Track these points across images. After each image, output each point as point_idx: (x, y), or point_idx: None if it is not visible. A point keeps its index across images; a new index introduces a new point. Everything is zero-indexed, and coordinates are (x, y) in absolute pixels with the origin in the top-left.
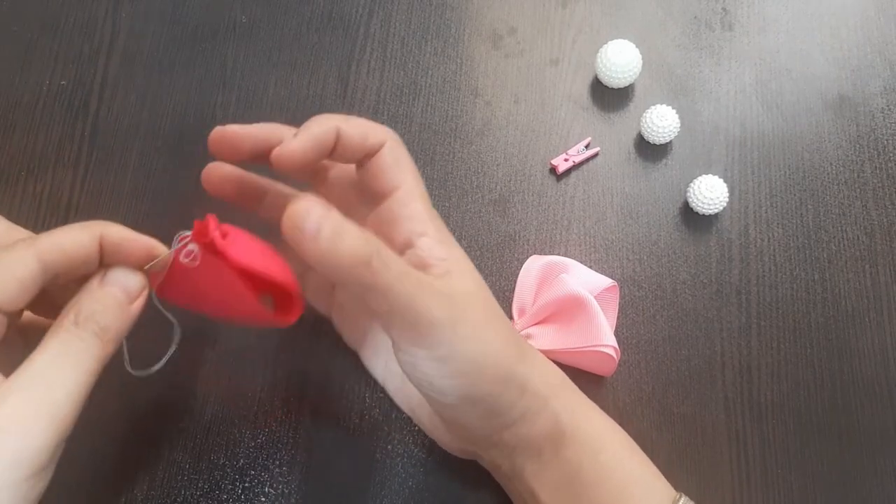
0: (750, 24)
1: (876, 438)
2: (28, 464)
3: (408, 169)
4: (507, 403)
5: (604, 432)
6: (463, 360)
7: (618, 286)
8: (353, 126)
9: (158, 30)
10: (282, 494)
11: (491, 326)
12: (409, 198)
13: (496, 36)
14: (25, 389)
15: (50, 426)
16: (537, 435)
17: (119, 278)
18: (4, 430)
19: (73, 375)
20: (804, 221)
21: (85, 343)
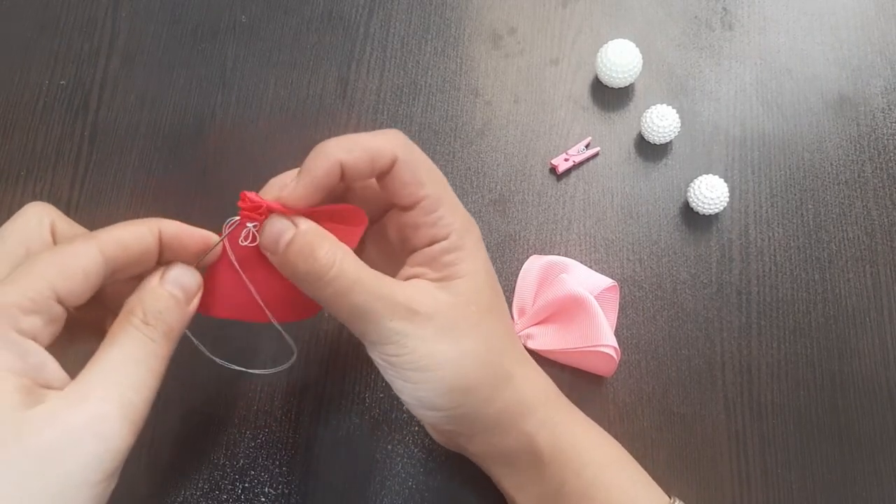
0: (750, 24)
1: (876, 438)
2: (106, 466)
3: (426, 177)
4: (464, 416)
5: (588, 447)
6: (411, 369)
7: (618, 286)
8: (358, 154)
9: (158, 29)
10: (282, 494)
11: (459, 341)
12: (432, 206)
13: (496, 36)
14: (104, 389)
15: (127, 428)
16: (508, 451)
17: (178, 277)
18: (87, 430)
19: (146, 376)
20: (804, 221)
21: (156, 343)
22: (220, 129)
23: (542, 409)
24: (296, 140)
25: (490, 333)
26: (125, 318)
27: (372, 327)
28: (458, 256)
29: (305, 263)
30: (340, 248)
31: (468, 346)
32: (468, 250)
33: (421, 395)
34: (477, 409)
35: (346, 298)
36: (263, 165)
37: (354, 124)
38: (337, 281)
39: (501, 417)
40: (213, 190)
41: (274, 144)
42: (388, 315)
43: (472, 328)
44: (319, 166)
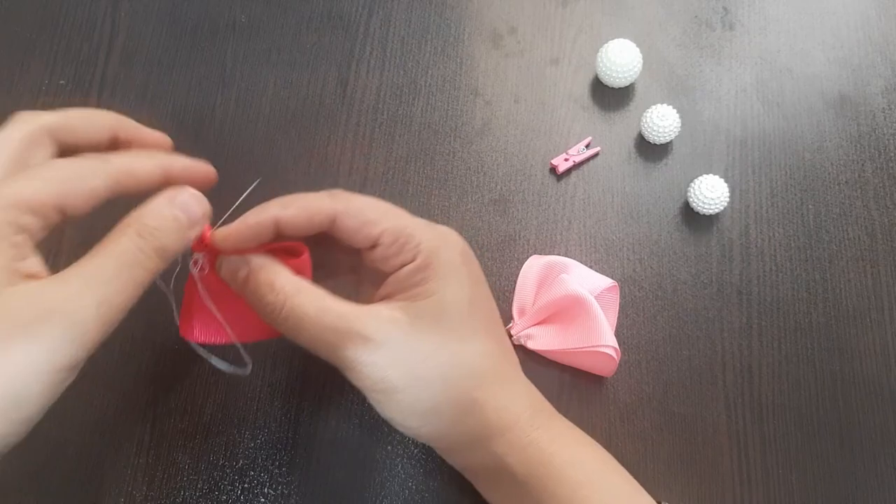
0: (751, 24)
1: (876, 438)
2: (71, 353)
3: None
4: (430, 435)
5: (565, 466)
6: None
7: (618, 286)
8: (293, 211)
9: (158, 29)
10: (281, 495)
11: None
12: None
13: (496, 35)
14: (83, 280)
15: (99, 321)
16: (484, 466)
17: (186, 202)
18: (59, 311)
19: (128, 282)
20: (805, 221)
21: (145, 255)
22: (220, 129)
23: (515, 429)
24: (295, 140)
25: (452, 356)
26: (121, 228)
27: (329, 356)
28: (424, 276)
29: (260, 301)
30: (292, 283)
31: (423, 372)
32: (436, 269)
33: (387, 415)
34: (441, 430)
35: (302, 332)
36: (263, 165)
37: (354, 124)
38: (290, 317)
39: (468, 439)
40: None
41: (274, 144)
42: (341, 345)
43: (430, 353)
44: (253, 217)
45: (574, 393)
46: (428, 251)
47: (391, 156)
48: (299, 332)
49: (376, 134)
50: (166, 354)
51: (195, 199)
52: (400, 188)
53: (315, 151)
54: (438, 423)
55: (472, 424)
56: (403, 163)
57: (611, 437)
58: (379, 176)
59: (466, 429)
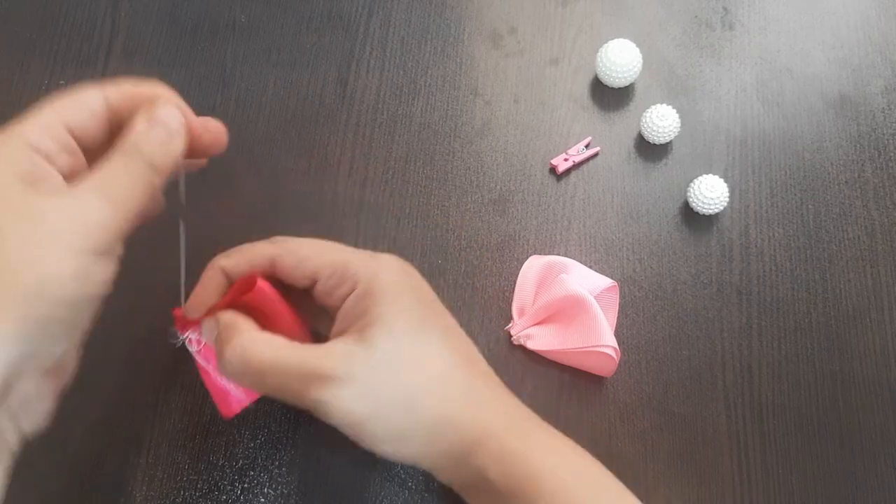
0: (751, 24)
1: (876, 438)
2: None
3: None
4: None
5: (544, 475)
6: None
7: (618, 286)
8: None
9: (157, 29)
10: (281, 495)
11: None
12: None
13: (496, 35)
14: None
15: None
16: (465, 480)
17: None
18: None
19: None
20: (805, 221)
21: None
22: None
23: (490, 441)
24: (295, 140)
25: (414, 381)
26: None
27: (297, 401)
28: (368, 303)
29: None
30: (248, 336)
31: (386, 400)
32: (378, 294)
33: (363, 445)
34: (418, 452)
35: (266, 382)
36: (263, 165)
37: (354, 124)
38: (249, 368)
39: (447, 457)
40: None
41: (274, 144)
42: (304, 389)
43: (389, 381)
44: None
45: (574, 393)
46: (367, 278)
47: (391, 156)
48: (263, 382)
49: (376, 134)
50: (166, 354)
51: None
52: (400, 188)
53: (315, 151)
54: (412, 446)
55: (447, 442)
56: (403, 163)
57: (611, 437)
58: (379, 176)
59: (443, 447)
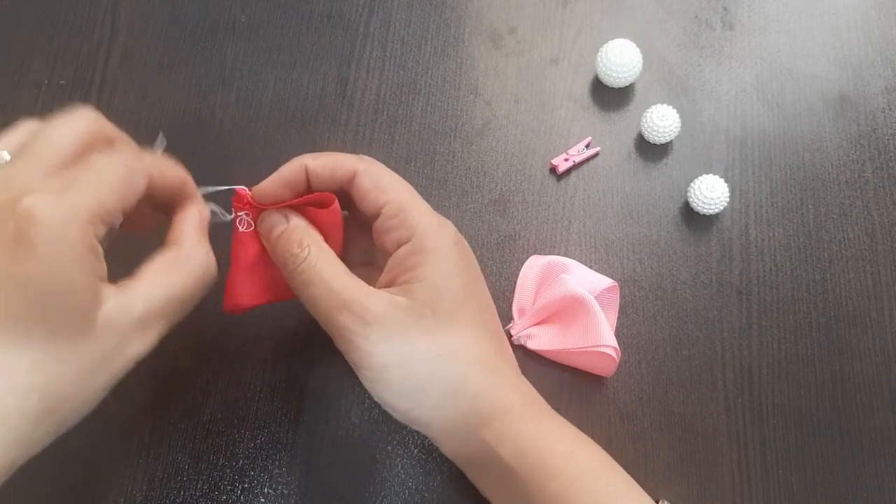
0: (751, 24)
1: (876, 438)
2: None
3: (388, 185)
4: (419, 419)
5: (557, 458)
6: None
7: (618, 286)
8: (322, 161)
9: (158, 29)
10: (281, 495)
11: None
12: (393, 210)
13: (496, 35)
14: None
15: None
16: (472, 458)
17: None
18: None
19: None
20: (805, 221)
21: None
22: (220, 129)
23: (505, 418)
24: (295, 139)
25: (445, 341)
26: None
27: (325, 320)
28: (420, 259)
29: (283, 253)
30: (317, 246)
31: (414, 351)
32: (432, 253)
33: (377, 393)
34: (431, 413)
35: (308, 289)
36: (263, 165)
37: (354, 124)
38: (304, 272)
39: (458, 425)
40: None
41: (274, 144)
42: (337, 310)
43: (422, 335)
44: (286, 167)
45: (574, 393)
46: (422, 234)
47: (391, 156)
48: (308, 288)
49: (376, 134)
50: (166, 354)
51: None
52: None
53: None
54: (428, 405)
55: (461, 409)
56: (403, 163)
57: (611, 437)
58: None
59: (456, 413)
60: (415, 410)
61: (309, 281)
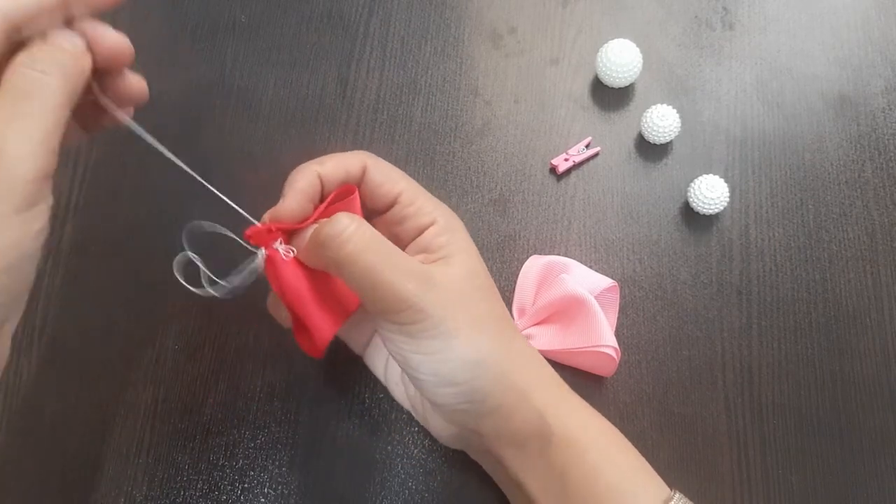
0: (751, 24)
1: (876, 438)
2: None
3: (398, 176)
4: (479, 390)
5: (591, 431)
6: (429, 336)
7: (618, 286)
8: (331, 165)
9: (157, 29)
10: (281, 495)
11: (468, 311)
12: (410, 198)
13: (496, 35)
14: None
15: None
16: (518, 430)
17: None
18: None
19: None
20: (805, 221)
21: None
22: (220, 129)
23: (548, 387)
24: (295, 140)
25: (495, 307)
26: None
27: (388, 291)
28: (450, 238)
29: (327, 227)
30: (357, 218)
31: (479, 314)
32: (458, 232)
33: (438, 366)
34: (491, 381)
35: (363, 256)
36: (263, 165)
37: (354, 124)
38: (353, 240)
39: (513, 392)
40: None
41: (274, 144)
42: (403, 277)
43: (480, 300)
44: (300, 179)
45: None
46: (446, 217)
47: (391, 156)
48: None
49: (376, 134)
50: (166, 354)
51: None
52: None
53: (315, 151)
54: (490, 374)
55: (518, 374)
56: (403, 163)
57: None
58: None
59: (514, 379)
60: (477, 381)
61: (362, 248)
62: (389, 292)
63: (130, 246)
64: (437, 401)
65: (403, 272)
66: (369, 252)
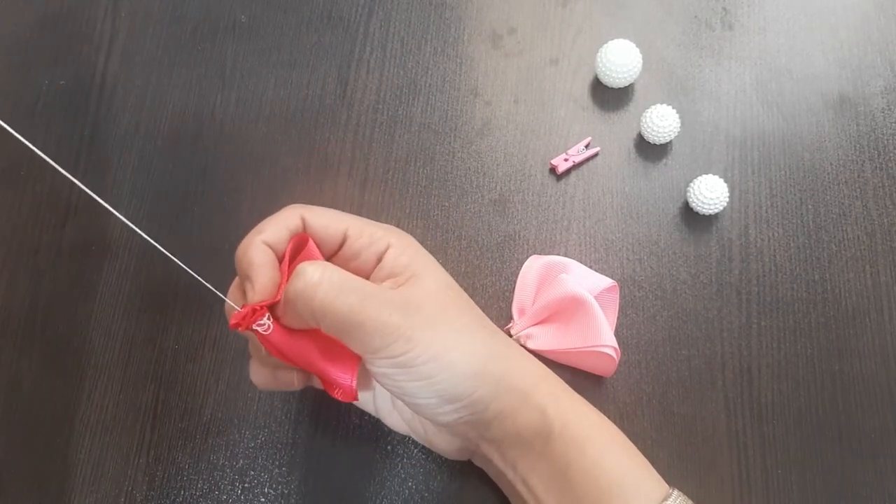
0: (750, 24)
1: (876, 438)
2: None
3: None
4: (481, 400)
5: (591, 425)
6: (423, 361)
7: (618, 286)
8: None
9: (158, 29)
10: (281, 495)
11: (454, 325)
12: (357, 231)
13: (496, 35)
14: None
15: None
16: (523, 429)
17: None
18: None
19: None
20: (804, 221)
21: None
22: (220, 129)
23: (545, 384)
24: (295, 140)
25: (475, 313)
26: None
27: (372, 328)
28: (411, 256)
29: (293, 283)
30: (321, 264)
31: (465, 325)
32: (415, 248)
33: (440, 387)
34: (492, 388)
35: (338, 301)
36: (263, 165)
37: (354, 124)
38: (323, 287)
39: (514, 394)
40: (213, 190)
41: (274, 144)
42: (384, 310)
43: (461, 311)
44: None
45: None
46: (398, 239)
47: (391, 156)
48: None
49: (376, 134)
50: (166, 354)
51: None
52: (400, 188)
53: (315, 151)
54: (490, 382)
55: (516, 375)
56: (403, 163)
57: None
58: (379, 176)
59: (512, 383)
60: (478, 391)
61: (337, 291)
62: (374, 329)
63: (130, 246)
64: (441, 420)
65: (382, 304)
66: (342, 294)
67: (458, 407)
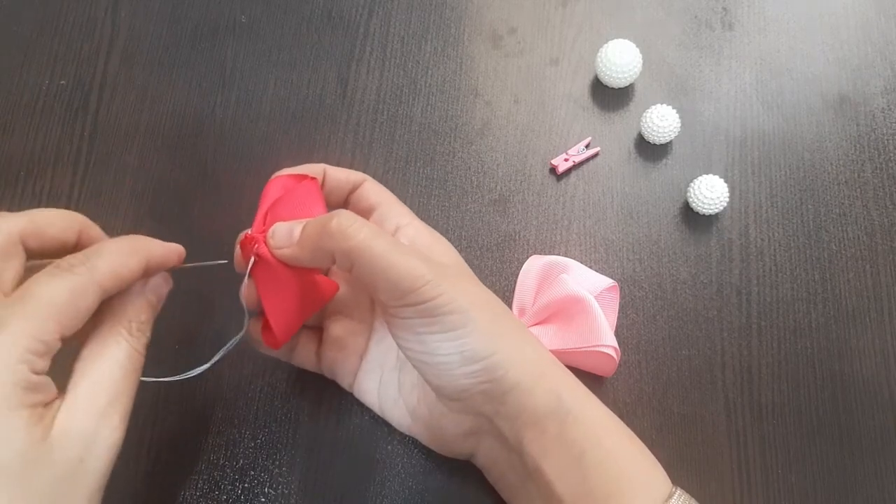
0: (750, 24)
1: (876, 438)
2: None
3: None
4: (501, 365)
5: (606, 416)
6: (450, 311)
7: (618, 286)
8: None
9: (158, 29)
10: (281, 495)
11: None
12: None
13: (496, 36)
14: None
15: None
16: (537, 405)
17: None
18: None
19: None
20: (804, 221)
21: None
22: (220, 129)
23: (558, 367)
24: (296, 140)
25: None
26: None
27: (403, 270)
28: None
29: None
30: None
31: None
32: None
33: (462, 341)
34: (510, 354)
35: (374, 242)
36: (263, 165)
37: (354, 124)
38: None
39: (531, 366)
40: (213, 190)
41: (274, 144)
42: (416, 258)
43: (476, 285)
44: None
45: None
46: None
47: (391, 156)
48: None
49: (376, 134)
50: (166, 354)
51: (162, 280)
52: (400, 188)
53: (315, 151)
54: (508, 348)
55: (532, 351)
56: (403, 163)
57: None
58: (379, 176)
59: (530, 355)
60: (497, 355)
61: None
62: (405, 271)
63: None
64: (458, 384)
65: (414, 253)
66: (378, 238)
67: (478, 369)
